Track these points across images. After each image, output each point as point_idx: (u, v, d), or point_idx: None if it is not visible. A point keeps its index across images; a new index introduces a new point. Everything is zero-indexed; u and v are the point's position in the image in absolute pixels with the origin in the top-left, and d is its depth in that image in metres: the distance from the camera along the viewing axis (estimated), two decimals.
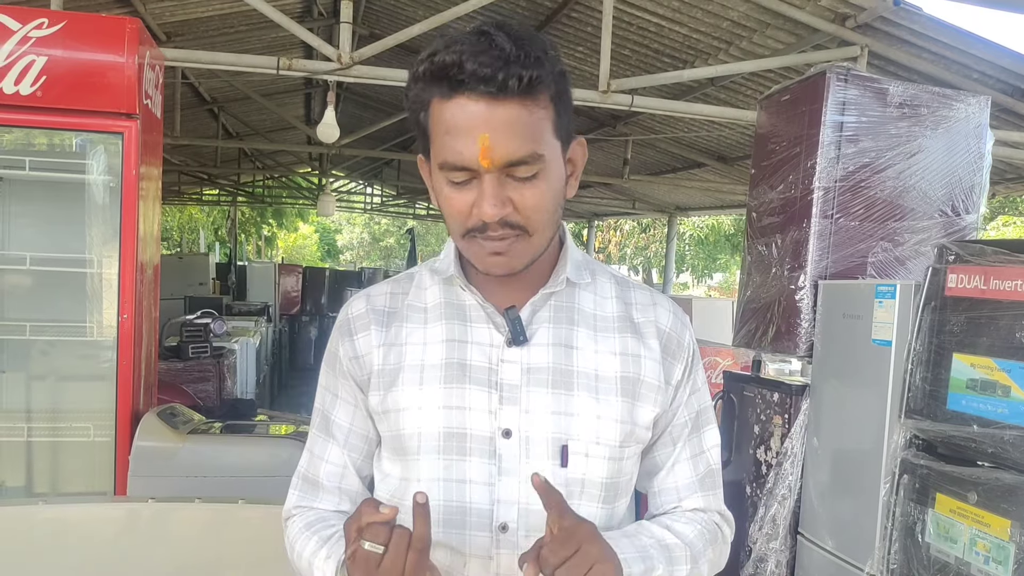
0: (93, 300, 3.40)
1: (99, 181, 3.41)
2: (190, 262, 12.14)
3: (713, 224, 21.39)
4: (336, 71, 4.59)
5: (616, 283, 1.33)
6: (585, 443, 1.21)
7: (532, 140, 1.10)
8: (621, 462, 1.25)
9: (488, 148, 1.08)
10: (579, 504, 1.21)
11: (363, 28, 7.72)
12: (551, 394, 1.21)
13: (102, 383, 3.36)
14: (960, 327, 2.46)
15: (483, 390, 1.21)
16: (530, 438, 1.20)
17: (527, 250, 1.17)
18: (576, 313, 1.27)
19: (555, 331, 1.25)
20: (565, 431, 1.21)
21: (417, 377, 1.24)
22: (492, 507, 1.20)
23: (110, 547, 2.39)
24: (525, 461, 1.20)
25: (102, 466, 3.34)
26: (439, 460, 1.21)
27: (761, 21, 5.14)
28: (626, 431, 1.24)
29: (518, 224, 1.13)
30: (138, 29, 3.31)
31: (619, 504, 1.28)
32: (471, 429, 1.21)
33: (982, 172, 3.55)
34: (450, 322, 1.26)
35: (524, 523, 1.20)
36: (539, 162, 1.12)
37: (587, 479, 1.22)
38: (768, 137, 3.80)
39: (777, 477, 3.40)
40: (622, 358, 1.26)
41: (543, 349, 1.23)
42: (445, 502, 1.21)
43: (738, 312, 3.98)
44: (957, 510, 2.39)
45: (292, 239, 31.43)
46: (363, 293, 1.35)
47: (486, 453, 1.21)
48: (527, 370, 1.22)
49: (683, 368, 1.31)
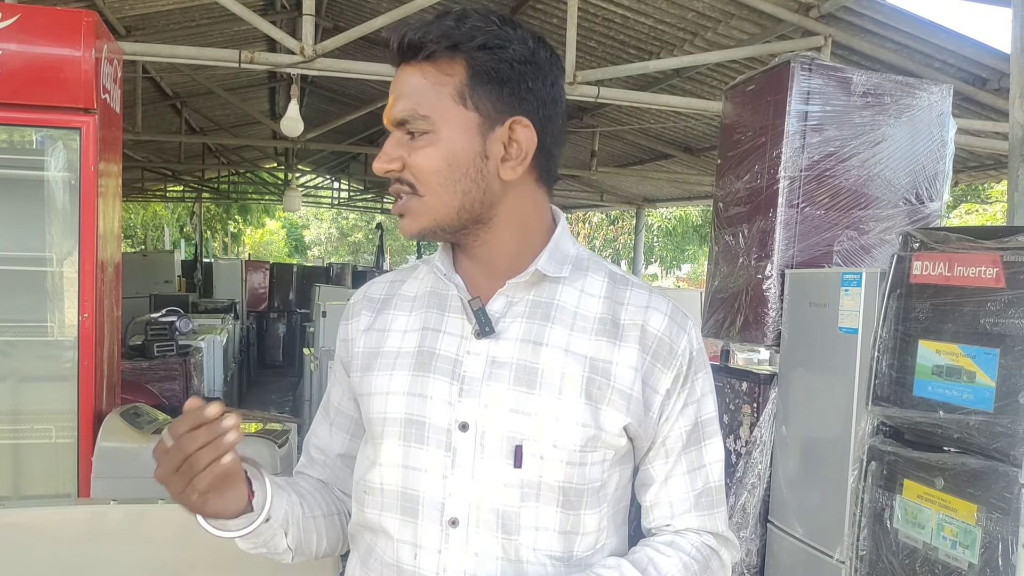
0: (53, 299, 3.34)
1: (58, 178, 3.35)
2: (155, 260, 12.02)
3: (681, 215, 21.50)
4: (299, 64, 4.55)
5: (610, 281, 1.27)
6: (541, 444, 1.17)
7: (419, 102, 1.17)
8: (584, 467, 1.19)
9: (389, 106, 1.20)
10: (536, 507, 1.18)
11: (326, 21, 7.64)
12: (511, 390, 1.18)
13: (64, 383, 3.30)
14: (925, 314, 2.48)
15: (445, 380, 1.20)
16: (486, 433, 1.18)
17: (422, 211, 1.20)
18: (555, 310, 1.23)
19: (527, 326, 1.22)
20: (520, 431, 1.17)
21: (390, 363, 1.25)
22: (443, 500, 1.18)
23: (74, 551, 2.34)
24: (480, 456, 1.18)
25: (65, 468, 3.28)
26: (399, 446, 1.21)
27: (726, 12, 5.16)
28: (588, 435, 1.18)
29: (407, 180, 1.19)
30: (95, 22, 3.25)
31: (586, 513, 1.21)
32: (429, 418, 1.20)
33: (945, 160, 3.59)
34: (429, 311, 1.27)
35: (475, 519, 1.17)
36: (425, 123, 1.17)
37: (543, 482, 1.17)
38: (734, 127, 3.80)
39: (747, 466, 3.41)
40: (591, 361, 1.20)
41: (511, 344, 1.20)
42: (402, 488, 1.21)
43: (706, 302, 3.99)
44: (924, 496, 2.41)
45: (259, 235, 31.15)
46: (369, 282, 1.42)
47: (442, 444, 1.19)
48: (491, 363, 1.20)
49: (675, 376, 1.24)
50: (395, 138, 1.19)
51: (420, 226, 1.20)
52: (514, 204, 1.23)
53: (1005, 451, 2.14)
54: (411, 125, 1.17)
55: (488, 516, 1.17)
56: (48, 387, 3.42)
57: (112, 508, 2.38)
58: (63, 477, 3.29)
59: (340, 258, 32.30)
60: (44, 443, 3.34)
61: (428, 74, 1.17)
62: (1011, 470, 2.11)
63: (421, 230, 1.21)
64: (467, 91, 1.16)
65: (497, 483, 1.17)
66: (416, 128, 1.17)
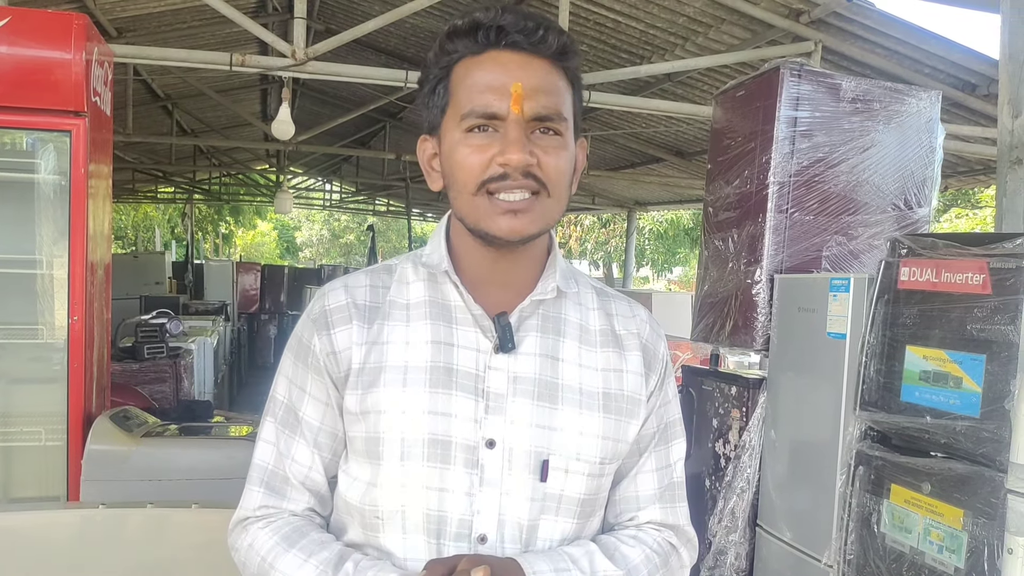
0: (43, 301, 3.33)
1: (48, 180, 3.33)
2: (145, 261, 11.96)
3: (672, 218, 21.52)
4: (290, 67, 4.54)
5: (596, 294, 1.31)
6: (566, 459, 1.18)
7: (561, 103, 1.15)
8: (600, 479, 1.23)
9: (520, 96, 1.10)
10: (555, 520, 1.19)
11: (318, 23, 7.64)
12: (535, 406, 1.18)
13: (53, 386, 3.29)
14: (913, 320, 2.49)
15: (469, 397, 1.17)
16: (513, 450, 1.17)
17: (541, 214, 1.15)
18: (563, 324, 1.24)
19: (542, 341, 1.21)
20: (547, 445, 1.18)
21: (400, 378, 1.18)
22: (472, 518, 1.16)
23: (62, 554, 2.34)
24: (507, 473, 1.17)
25: (54, 471, 3.27)
26: (422, 467, 1.16)
27: (716, 17, 5.18)
28: (608, 448, 1.21)
29: (540, 179, 1.13)
30: (85, 25, 3.24)
31: (593, 519, 1.26)
32: (455, 437, 1.16)
33: (934, 166, 3.60)
34: (435, 322, 1.21)
35: (502, 535, 1.17)
36: (563, 125, 1.15)
37: (564, 495, 1.19)
38: (724, 132, 3.82)
39: (736, 470, 3.42)
40: (604, 373, 1.24)
41: (530, 359, 1.20)
42: (427, 510, 1.17)
43: (696, 306, 4.00)
44: (911, 500, 2.42)
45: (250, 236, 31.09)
46: (340, 284, 1.27)
47: (469, 463, 1.16)
48: (513, 379, 1.18)
49: (657, 379, 1.29)
50: (524, 131, 1.12)
51: (537, 228, 1.16)
52: None
53: (991, 456, 2.15)
54: (550, 124, 1.14)
55: (514, 531, 1.17)
56: (37, 389, 3.41)
57: (101, 512, 2.37)
58: (52, 480, 3.28)
59: (332, 260, 32.27)
60: (33, 446, 3.32)
61: (559, 76, 1.16)
62: (997, 475, 2.12)
63: (536, 233, 1.16)
64: (573, 103, 1.19)
65: (523, 498, 1.17)
66: (553, 128, 1.14)
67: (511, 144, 1.10)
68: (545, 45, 1.13)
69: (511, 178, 1.11)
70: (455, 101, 1.15)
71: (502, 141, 1.11)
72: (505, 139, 1.11)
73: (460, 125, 1.14)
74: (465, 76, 1.15)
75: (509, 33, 1.12)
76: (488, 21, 1.13)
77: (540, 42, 1.13)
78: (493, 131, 1.12)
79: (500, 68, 1.12)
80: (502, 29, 1.12)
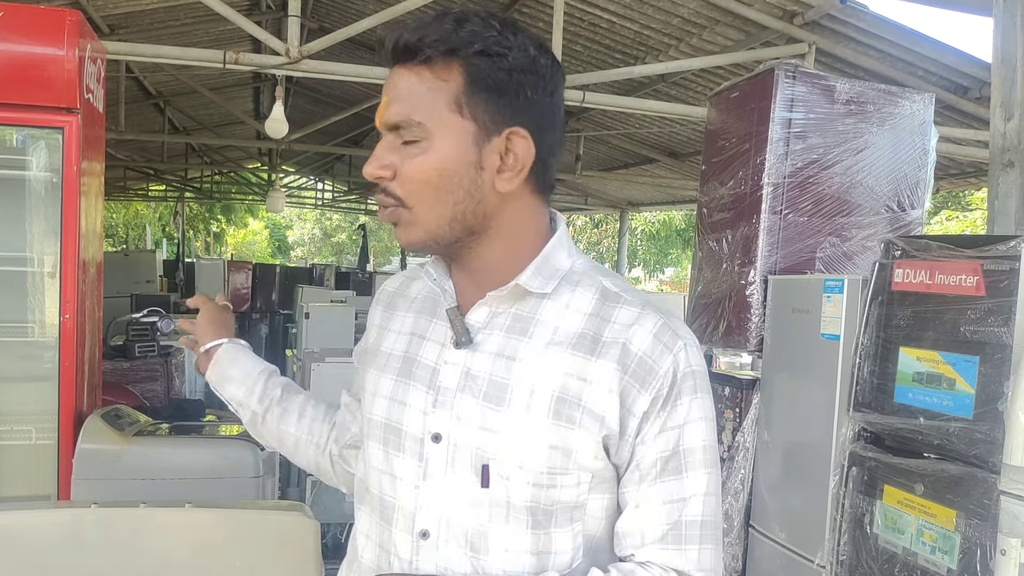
0: (34, 299, 3.31)
1: (40, 177, 3.31)
2: (136, 259, 11.94)
3: (664, 219, 21.55)
4: (284, 65, 4.53)
5: (600, 297, 1.19)
6: (507, 466, 1.13)
7: (413, 107, 1.12)
8: (552, 489, 1.13)
9: (381, 110, 1.15)
10: (505, 527, 1.14)
11: (312, 22, 7.63)
12: (480, 406, 1.15)
13: (44, 384, 3.27)
14: (906, 321, 2.49)
15: (422, 388, 1.20)
16: (457, 447, 1.16)
17: (413, 223, 1.16)
18: (534, 324, 1.17)
19: (504, 340, 1.17)
20: (487, 449, 1.14)
21: (382, 364, 1.27)
22: (415, 510, 1.17)
23: (53, 554, 2.32)
24: (450, 470, 1.16)
25: (44, 470, 3.25)
26: (380, 449, 1.23)
27: (711, 18, 5.19)
28: (557, 458, 1.12)
29: (394, 194, 1.15)
30: (79, 21, 3.22)
31: (557, 532, 1.15)
32: (405, 426, 1.20)
33: (927, 168, 3.61)
34: (420, 316, 1.28)
35: (444, 534, 1.16)
36: (419, 130, 1.12)
37: (512, 502, 1.13)
38: (718, 134, 3.82)
39: (730, 471, 3.42)
40: (565, 378, 1.14)
41: (486, 357, 1.17)
42: (380, 493, 1.22)
43: (689, 307, 4.00)
44: (904, 501, 2.42)
45: (242, 235, 31.00)
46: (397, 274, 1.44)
47: (416, 454, 1.19)
48: (465, 375, 1.17)
49: (653, 398, 1.14)
50: (387, 142, 1.15)
51: (413, 238, 1.17)
52: (509, 215, 1.18)
53: (984, 458, 2.16)
54: (404, 132, 1.13)
55: (457, 533, 1.15)
56: (28, 388, 3.39)
57: (93, 511, 2.35)
58: (43, 479, 3.26)
59: (323, 259, 32.16)
60: (24, 444, 3.30)
61: (424, 79, 1.12)
62: (990, 476, 2.13)
63: (415, 242, 1.17)
64: (463, 99, 1.12)
65: (465, 500, 1.15)
66: (409, 135, 1.13)
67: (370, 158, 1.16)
68: (402, 53, 1.13)
69: (376, 191, 1.17)
70: None
71: None
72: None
73: None
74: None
75: (388, 50, 1.15)
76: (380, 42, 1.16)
77: (404, 53, 1.13)
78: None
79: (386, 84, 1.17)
80: (382, 46, 1.15)
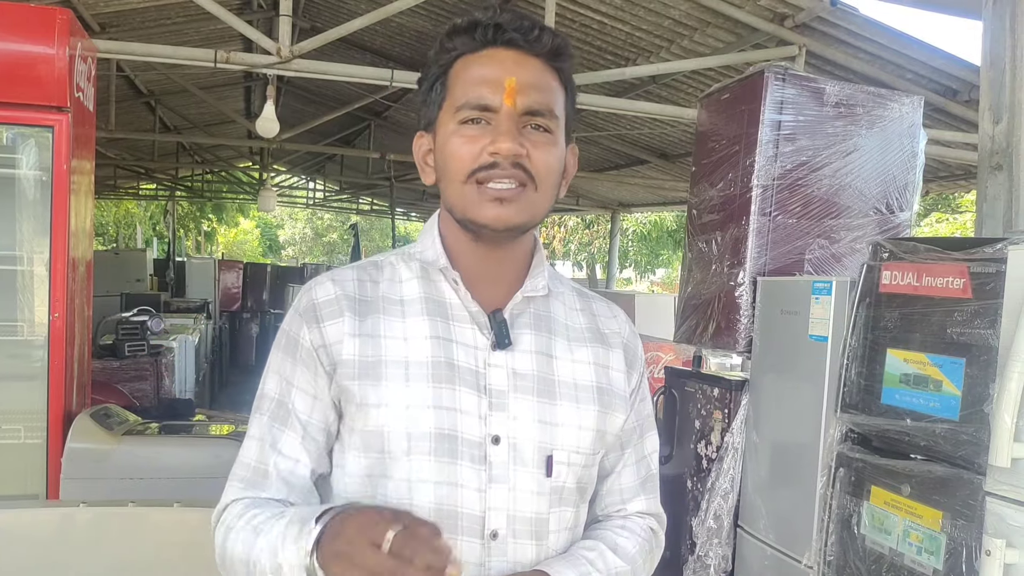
0: (23, 298, 3.30)
1: (29, 176, 3.30)
2: (127, 258, 11.87)
3: (656, 220, 21.57)
4: (275, 65, 4.52)
5: (578, 295, 1.36)
6: (568, 452, 1.23)
7: (554, 101, 1.19)
8: (590, 469, 1.28)
9: (514, 89, 1.14)
10: (559, 510, 1.23)
11: (304, 21, 7.61)
12: (537, 402, 1.22)
13: (33, 383, 3.26)
14: (894, 323, 2.51)
15: (473, 393, 1.19)
16: (518, 445, 1.20)
17: (527, 205, 1.17)
18: (552, 323, 1.28)
19: (536, 338, 1.25)
20: (550, 440, 1.22)
21: (402, 373, 1.18)
22: (484, 514, 1.18)
23: (42, 553, 2.32)
24: (513, 468, 1.19)
25: (33, 469, 3.24)
26: (430, 462, 1.16)
27: (702, 20, 5.20)
28: (599, 440, 1.27)
29: (528, 170, 1.16)
30: (69, 20, 3.22)
31: (583, 508, 1.31)
32: (462, 432, 1.17)
33: (916, 171, 3.63)
34: (432, 318, 1.22)
35: (513, 530, 1.19)
36: (555, 123, 1.19)
37: (566, 486, 1.24)
38: (708, 135, 3.84)
39: (719, 472, 3.44)
40: (595, 368, 1.28)
41: (527, 356, 1.23)
42: (436, 506, 1.16)
43: (679, 308, 4.02)
44: (891, 502, 2.44)
45: (232, 234, 30.95)
46: (326, 278, 1.26)
47: (476, 458, 1.18)
48: (513, 375, 1.21)
49: (637, 376, 1.35)
50: (516, 124, 1.16)
51: (523, 219, 1.18)
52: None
53: (970, 459, 2.17)
54: (541, 120, 1.17)
55: (524, 526, 1.20)
56: (17, 387, 3.38)
57: (82, 510, 2.35)
58: (31, 478, 3.25)
59: (315, 258, 32.14)
60: (12, 443, 3.29)
61: (552, 76, 1.20)
62: (975, 478, 2.14)
63: (522, 224, 1.19)
64: (566, 109, 1.22)
65: (530, 492, 1.20)
66: (544, 124, 1.18)
67: (502, 134, 1.14)
68: (540, 44, 1.17)
69: (500, 167, 1.14)
70: (451, 95, 1.19)
71: (494, 132, 1.15)
72: (496, 130, 1.15)
73: (455, 117, 1.18)
74: (462, 71, 1.19)
75: (506, 31, 1.17)
76: (486, 19, 1.17)
77: (535, 41, 1.17)
78: (486, 123, 1.16)
79: (496, 63, 1.17)
80: (499, 27, 1.17)
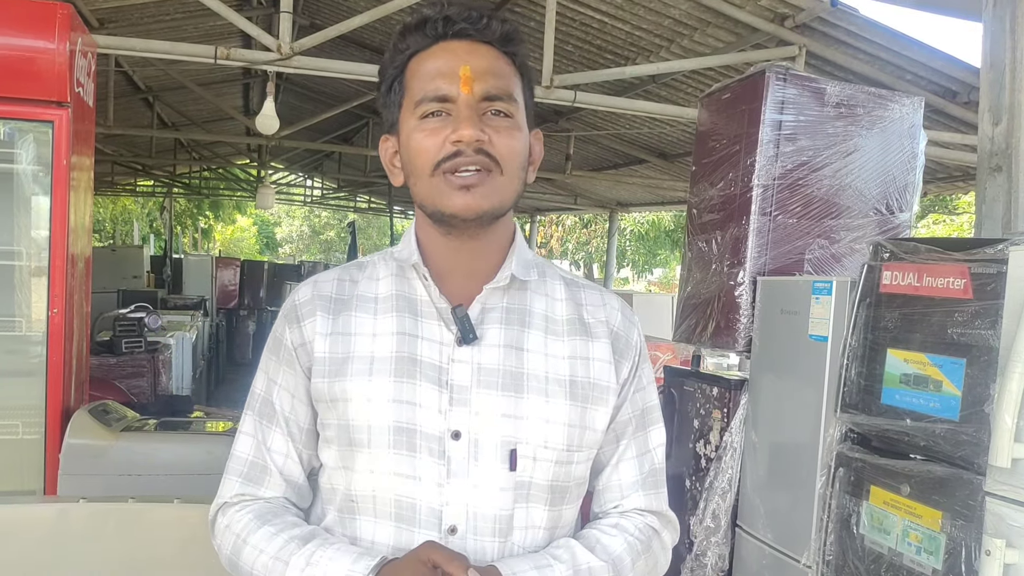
0: (22, 293, 3.29)
1: (28, 171, 3.30)
2: (124, 255, 11.88)
3: (654, 220, 21.58)
4: (275, 62, 4.51)
5: (566, 284, 1.33)
6: (533, 447, 1.21)
7: (510, 85, 1.21)
8: (569, 466, 1.25)
9: (469, 77, 1.16)
10: (526, 507, 1.22)
11: (303, 18, 7.60)
12: (501, 396, 1.20)
13: (31, 379, 3.26)
14: (894, 323, 2.51)
15: (433, 388, 1.20)
16: (479, 441, 1.20)
17: (495, 191, 1.18)
18: (528, 315, 1.27)
19: (506, 332, 1.24)
20: (514, 434, 1.20)
21: (366, 368, 1.22)
22: (441, 508, 1.19)
23: (39, 549, 2.32)
24: (474, 464, 1.19)
25: (31, 465, 3.24)
26: (390, 454, 1.19)
27: (702, 20, 5.20)
28: (575, 435, 1.23)
29: (491, 155, 1.17)
30: (69, 15, 3.21)
31: (567, 508, 1.27)
32: (420, 426, 1.19)
33: (915, 171, 3.63)
34: (400, 315, 1.24)
35: (472, 527, 1.19)
36: (514, 106, 1.20)
37: (534, 482, 1.21)
38: (708, 135, 3.83)
39: (717, 471, 3.44)
40: (571, 361, 1.26)
41: (494, 350, 1.23)
42: (396, 497, 1.20)
43: (678, 307, 4.01)
44: (890, 502, 2.44)
45: (230, 232, 30.94)
46: (309, 281, 1.33)
47: (435, 452, 1.19)
48: (477, 370, 1.21)
49: (630, 366, 1.32)
50: (475, 111, 1.17)
51: (491, 205, 1.19)
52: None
53: (970, 459, 2.17)
54: (500, 104, 1.19)
55: (486, 522, 1.19)
56: (15, 382, 3.37)
57: (81, 506, 2.35)
58: (29, 474, 3.24)
59: (312, 256, 32.12)
60: (10, 439, 3.28)
61: (506, 62, 1.22)
62: (975, 478, 2.14)
63: (490, 209, 1.19)
64: (523, 91, 1.25)
65: (494, 488, 1.19)
66: (503, 109, 1.19)
67: (462, 122, 1.15)
68: (490, 31, 1.20)
69: (464, 155, 1.16)
70: (409, 93, 1.21)
71: (454, 122, 1.17)
72: (457, 119, 1.16)
73: (415, 113, 1.20)
74: (417, 68, 1.21)
75: (455, 22, 1.19)
76: (435, 15, 1.20)
77: (485, 29, 1.20)
78: (446, 115, 1.18)
79: (449, 55, 1.19)
80: (448, 19, 1.19)
